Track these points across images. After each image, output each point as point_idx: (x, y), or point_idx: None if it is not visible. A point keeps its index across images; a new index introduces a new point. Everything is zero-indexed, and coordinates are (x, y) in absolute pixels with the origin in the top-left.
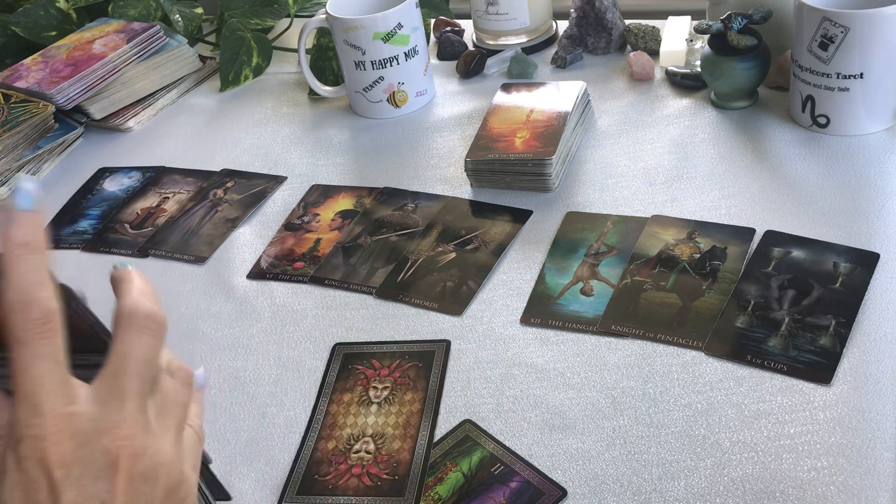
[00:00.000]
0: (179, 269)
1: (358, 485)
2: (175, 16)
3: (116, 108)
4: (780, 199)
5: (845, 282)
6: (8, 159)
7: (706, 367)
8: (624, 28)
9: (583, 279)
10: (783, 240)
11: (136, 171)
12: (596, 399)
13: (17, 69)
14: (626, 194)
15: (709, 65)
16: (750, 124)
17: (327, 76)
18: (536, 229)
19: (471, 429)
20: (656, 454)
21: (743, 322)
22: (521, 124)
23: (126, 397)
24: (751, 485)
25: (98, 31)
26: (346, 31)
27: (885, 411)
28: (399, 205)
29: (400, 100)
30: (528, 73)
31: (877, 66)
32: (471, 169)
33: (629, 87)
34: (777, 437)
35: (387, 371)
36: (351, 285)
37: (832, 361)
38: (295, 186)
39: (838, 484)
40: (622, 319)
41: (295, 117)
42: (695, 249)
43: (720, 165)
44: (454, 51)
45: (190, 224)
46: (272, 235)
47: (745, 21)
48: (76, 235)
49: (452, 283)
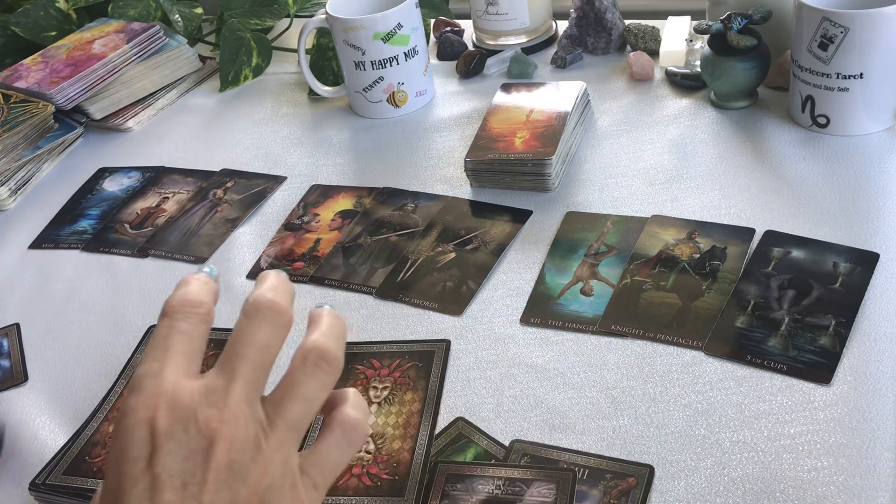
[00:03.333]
0: (179, 270)
1: (358, 485)
2: (175, 16)
3: (116, 109)
4: (780, 199)
5: (845, 282)
6: (8, 159)
7: (706, 367)
8: (624, 28)
9: (583, 279)
10: (783, 240)
11: (136, 171)
12: (596, 399)
13: (17, 69)
14: (626, 194)
15: (709, 65)
16: (750, 124)
17: (327, 76)
18: (536, 229)
19: (464, 426)
20: (656, 454)
21: (743, 322)
22: (521, 124)
23: (234, 380)
24: (751, 485)
25: (98, 31)
26: (346, 31)
27: (885, 411)
28: (399, 205)
29: (400, 100)
30: (527, 73)
31: (877, 66)
32: (471, 169)
33: (629, 87)
34: (777, 437)
35: (387, 371)
36: (351, 285)
37: (832, 361)
38: (295, 186)
39: (838, 484)
40: (622, 319)
41: (295, 117)
42: (695, 249)
43: (720, 165)
44: (454, 51)
45: (190, 224)
46: (272, 235)
47: (745, 21)
48: (76, 235)
49: (452, 283)
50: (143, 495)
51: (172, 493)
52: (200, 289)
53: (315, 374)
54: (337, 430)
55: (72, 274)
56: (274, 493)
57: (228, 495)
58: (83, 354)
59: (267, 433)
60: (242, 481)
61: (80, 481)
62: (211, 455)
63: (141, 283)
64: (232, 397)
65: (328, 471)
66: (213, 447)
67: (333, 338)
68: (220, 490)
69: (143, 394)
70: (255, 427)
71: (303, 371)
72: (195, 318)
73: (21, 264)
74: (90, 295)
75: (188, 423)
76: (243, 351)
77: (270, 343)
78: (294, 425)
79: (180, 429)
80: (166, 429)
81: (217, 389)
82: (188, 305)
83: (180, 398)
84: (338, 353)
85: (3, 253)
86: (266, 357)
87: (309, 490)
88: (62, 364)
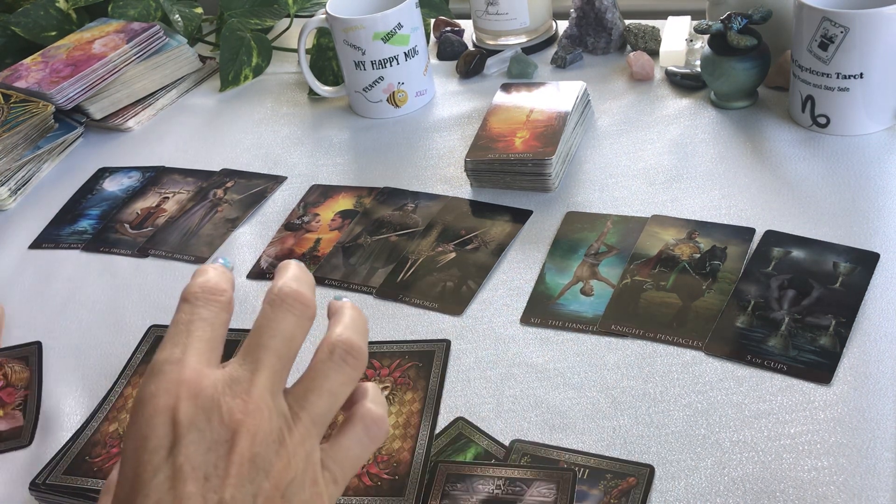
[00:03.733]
0: (179, 270)
1: (358, 485)
2: (175, 16)
3: (116, 108)
4: (780, 199)
5: (845, 282)
6: (8, 159)
7: (706, 367)
8: (624, 28)
9: (583, 279)
10: (783, 240)
11: (136, 171)
12: (596, 399)
13: (17, 69)
14: (626, 194)
15: (709, 65)
16: (750, 124)
17: (327, 76)
18: (536, 229)
19: (464, 426)
20: (656, 454)
21: (743, 322)
22: (521, 124)
23: (259, 370)
24: (751, 485)
25: (98, 31)
26: (346, 31)
27: (885, 411)
28: (399, 205)
29: (400, 100)
30: (527, 73)
31: (877, 66)
32: (471, 169)
33: (629, 87)
34: (777, 436)
35: (387, 371)
36: (351, 285)
37: (832, 361)
38: (295, 186)
39: (838, 484)
40: (622, 319)
41: (295, 117)
42: (695, 249)
43: (720, 165)
44: (454, 51)
45: (190, 224)
46: (272, 235)
47: (745, 21)
48: (76, 235)
49: (452, 283)
50: (164, 486)
51: (194, 484)
52: (220, 277)
53: (341, 369)
54: (359, 425)
55: (72, 274)
56: (295, 488)
57: (251, 489)
58: (83, 354)
59: (290, 427)
60: (265, 475)
61: (81, 481)
62: (234, 447)
63: (141, 283)
64: (256, 388)
65: (349, 466)
66: (237, 439)
67: (358, 332)
68: (243, 484)
69: (164, 380)
70: (279, 420)
71: (329, 365)
72: (217, 305)
73: (21, 264)
74: (90, 295)
75: (211, 413)
76: (268, 341)
77: (295, 334)
78: (318, 419)
79: (203, 419)
80: (189, 418)
81: (241, 380)
82: (209, 292)
83: (203, 387)
84: (364, 348)
85: (3, 253)
86: (291, 348)
87: (329, 485)
88: (62, 364)
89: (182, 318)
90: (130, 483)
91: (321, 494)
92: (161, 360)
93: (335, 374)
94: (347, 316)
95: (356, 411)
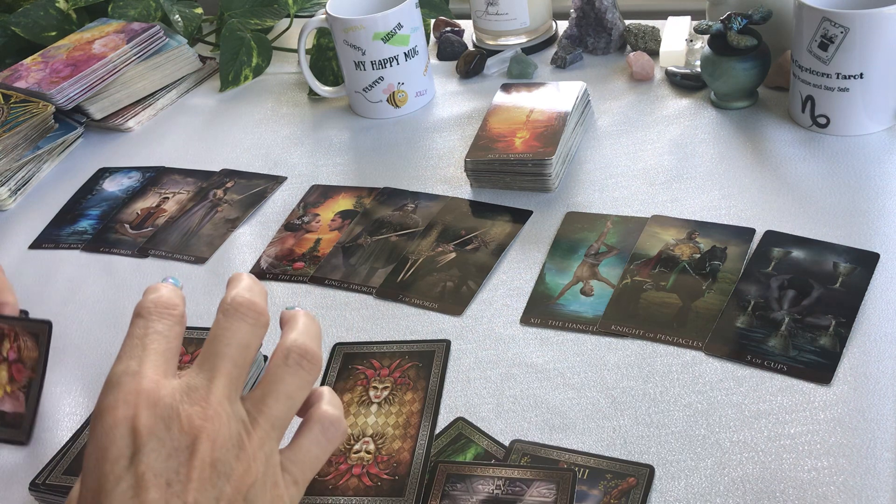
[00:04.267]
0: (179, 270)
1: (358, 485)
2: (175, 16)
3: (116, 109)
4: (780, 199)
5: (845, 282)
6: (8, 159)
7: (706, 367)
8: (624, 28)
9: (583, 279)
10: (783, 240)
11: (136, 171)
12: (596, 399)
13: (17, 69)
14: (626, 194)
15: (709, 65)
16: (750, 124)
17: (327, 76)
18: (536, 229)
19: (464, 426)
20: (656, 454)
21: (743, 322)
22: (521, 124)
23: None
24: (751, 485)
25: (98, 32)
26: (346, 32)
27: (885, 411)
28: (399, 205)
29: (400, 100)
30: (527, 74)
31: (877, 66)
32: (471, 169)
33: (629, 88)
34: (777, 437)
35: (387, 371)
36: (351, 285)
37: (832, 361)
38: (295, 186)
39: (838, 484)
40: (622, 319)
41: (295, 117)
42: (695, 249)
43: (720, 165)
44: (454, 51)
45: (190, 224)
46: (272, 236)
47: (745, 21)
48: (76, 235)
49: (452, 283)
50: (127, 494)
51: (157, 491)
52: (172, 292)
53: (297, 373)
54: (316, 427)
55: (72, 274)
56: (257, 491)
57: (213, 494)
58: (83, 354)
59: (250, 431)
60: (227, 479)
61: None
62: (195, 453)
63: (141, 284)
64: (214, 395)
65: (308, 467)
66: (197, 445)
67: (311, 337)
68: (206, 488)
69: (122, 391)
70: (238, 425)
71: (285, 369)
72: (170, 319)
73: (21, 264)
74: (90, 295)
75: (170, 421)
76: (224, 349)
77: (250, 342)
78: (276, 423)
79: (163, 427)
80: (148, 427)
81: (198, 387)
82: (163, 307)
83: (162, 396)
84: (318, 352)
85: (3, 253)
86: (246, 356)
87: (289, 486)
88: (62, 364)
89: (137, 332)
90: (94, 494)
91: (282, 496)
92: (118, 373)
93: (291, 378)
94: (301, 322)
95: (313, 414)
